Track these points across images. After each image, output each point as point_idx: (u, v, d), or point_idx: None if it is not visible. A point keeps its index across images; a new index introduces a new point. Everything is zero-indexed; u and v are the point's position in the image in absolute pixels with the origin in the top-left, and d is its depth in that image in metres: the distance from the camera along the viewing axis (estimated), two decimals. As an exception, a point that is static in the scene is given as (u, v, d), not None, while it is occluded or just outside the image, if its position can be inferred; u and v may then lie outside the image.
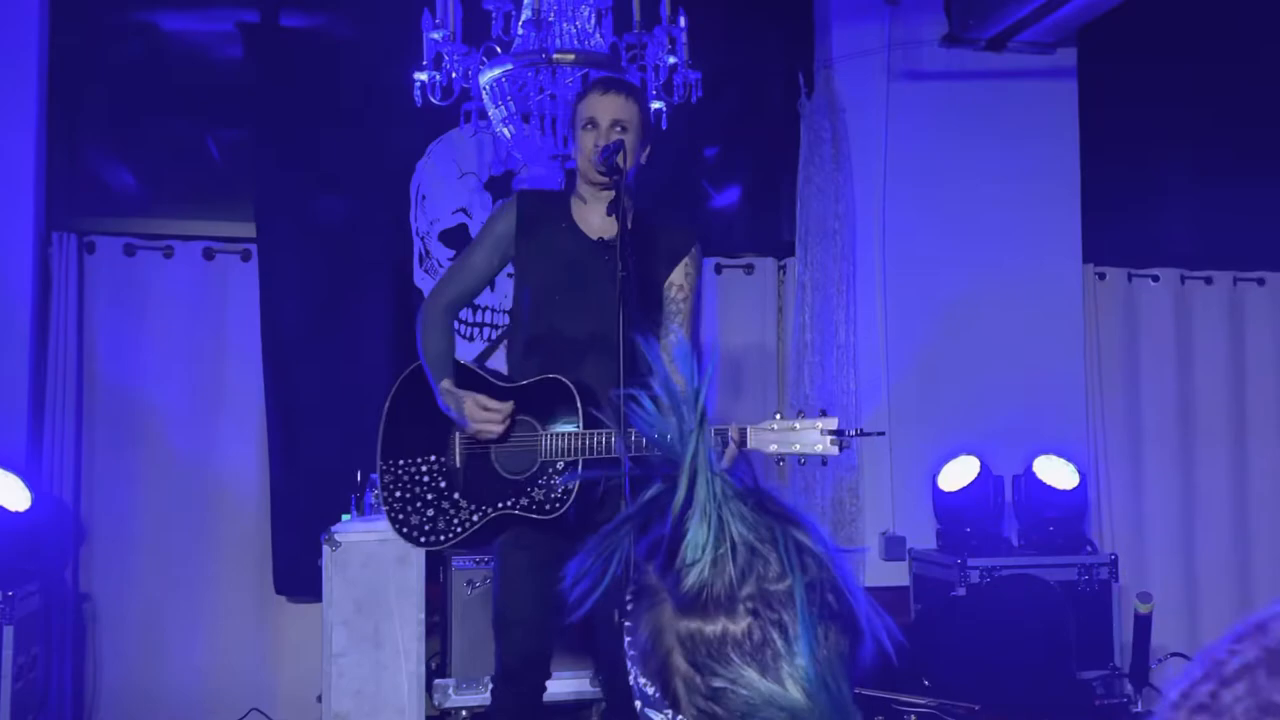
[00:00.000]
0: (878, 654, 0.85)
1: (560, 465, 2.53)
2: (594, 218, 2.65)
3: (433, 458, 2.65)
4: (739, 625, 0.83)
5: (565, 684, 3.53)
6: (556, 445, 2.51)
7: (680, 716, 0.85)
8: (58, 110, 4.07)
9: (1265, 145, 4.80)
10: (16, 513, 3.65)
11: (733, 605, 0.83)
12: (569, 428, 2.50)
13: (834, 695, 0.81)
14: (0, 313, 3.88)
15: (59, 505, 3.95)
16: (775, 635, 0.82)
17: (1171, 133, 4.82)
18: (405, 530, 2.64)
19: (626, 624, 0.90)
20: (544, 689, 2.66)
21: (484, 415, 2.53)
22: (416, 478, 2.65)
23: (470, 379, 2.62)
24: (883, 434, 2.84)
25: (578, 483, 2.49)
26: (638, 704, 0.89)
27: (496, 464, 2.59)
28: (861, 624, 0.85)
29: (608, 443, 2.45)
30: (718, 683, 0.83)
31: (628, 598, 0.90)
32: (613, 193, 2.51)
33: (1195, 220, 4.91)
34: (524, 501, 2.56)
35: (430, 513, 2.63)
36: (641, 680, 0.88)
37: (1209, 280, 4.87)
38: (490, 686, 2.74)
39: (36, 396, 3.96)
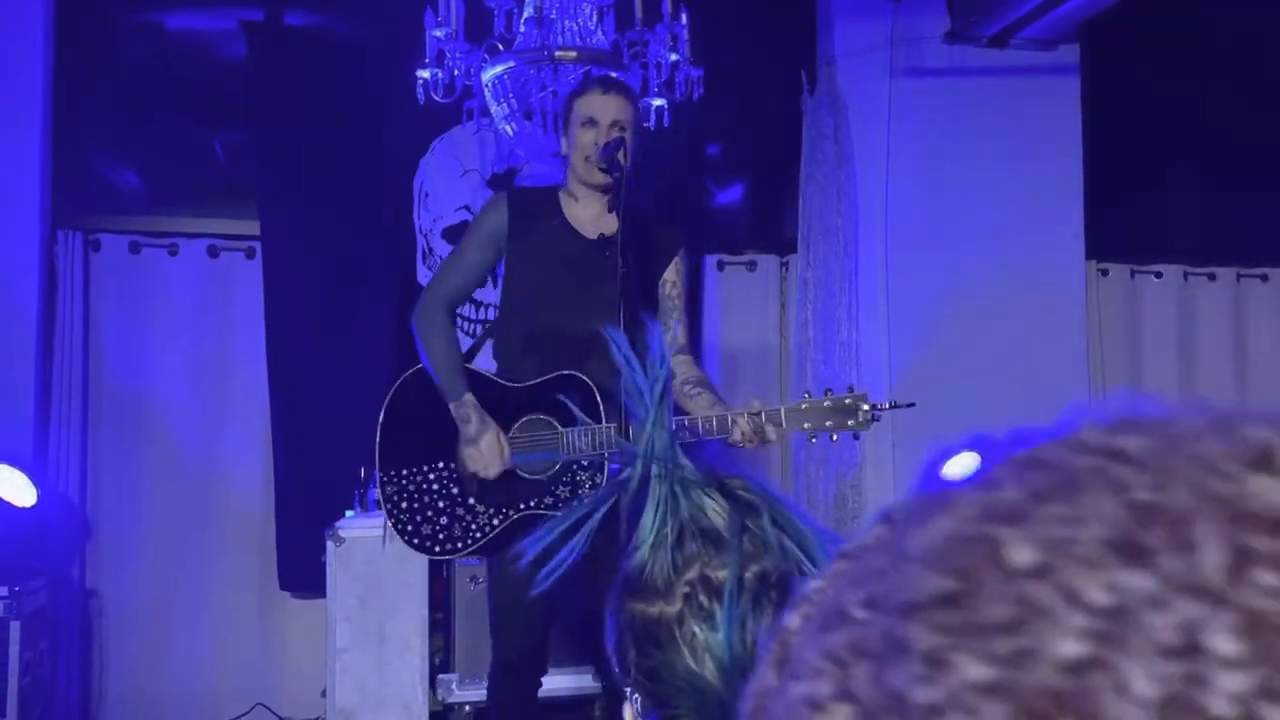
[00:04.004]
0: None
1: (585, 461, 2.53)
2: (587, 215, 2.66)
3: (440, 464, 2.59)
4: (673, 609, 0.84)
5: (567, 679, 3.55)
6: (580, 441, 2.50)
7: (637, 695, 0.86)
8: (63, 109, 4.09)
9: (1269, 141, 4.79)
10: (23, 509, 3.67)
11: (670, 590, 0.84)
12: (590, 423, 2.49)
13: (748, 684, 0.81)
14: (7, 311, 3.90)
15: (65, 502, 3.97)
16: (703, 621, 0.83)
17: (1175, 129, 4.81)
18: (416, 541, 2.58)
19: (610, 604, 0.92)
20: (540, 684, 2.68)
21: (494, 458, 2.53)
22: (424, 486, 2.59)
23: (477, 382, 2.60)
24: (913, 405, 2.79)
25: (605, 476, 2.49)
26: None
27: (515, 466, 2.57)
28: None
29: (630, 435, 2.45)
30: (652, 663, 0.85)
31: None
32: (606, 191, 2.55)
33: (1199, 216, 4.90)
34: (548, 500, 2.54)
35: (444, 520, 2.57)
36: (613, 659, 0.90)
37: (1212, 276, 4.87)
38: (488, 680, 2.74)
39: (42, 393, 3.98)
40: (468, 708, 3.66)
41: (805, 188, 4.43)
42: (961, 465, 3.98)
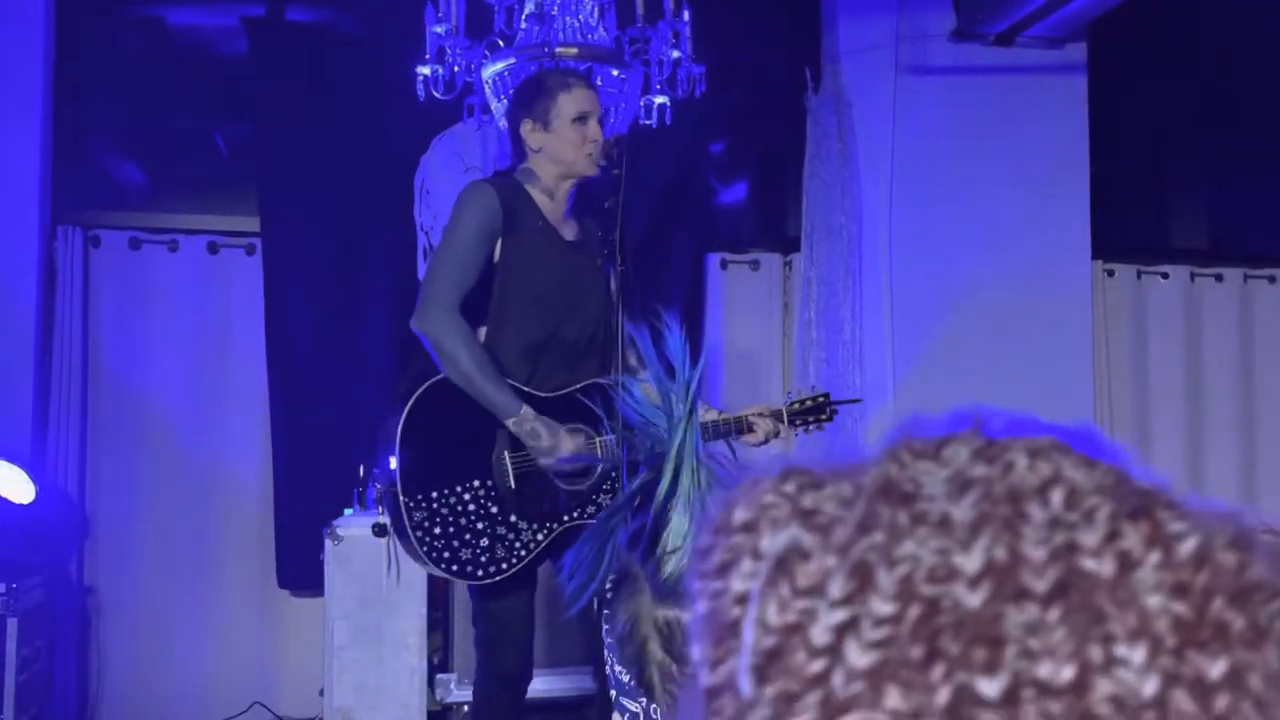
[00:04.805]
0: None
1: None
2: (558, 215, 2.63)
3: (476, 483, 2.47)
4: None
5: (565, 680, 3.53)
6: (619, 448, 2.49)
7: (654, 705, 0.84)
8: (64, 104, 4.07)
9: (1277, 142, 4.76)
10: (21, 505, 3.66)
11: None
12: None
13: None
14: (6, 306, 3.89)
15: (64, 498, 3.96)
16: None
17: (1182, 128, 4.78)
18: (456, 568, 2.45)
19: (605, 612, 0.89)
20: (527, 692, 2.68)
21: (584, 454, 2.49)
22: (460, 509, 2.45)
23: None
24: (859, 400, 3.08)
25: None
26: (612, 693, 0.88)
27: (554, 478, 2.53)
28: None
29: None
30: (690, 670, 0.83)
31: (607, 586, 0.90)
32: (570, 192, 2.55)
33: (1206, 217, 4.87)
34: (591, 510, 2.52)
35: (484, 542, 2.45)
36: (618, 668, 0.87)
37: (1219, 277, 4.83)
38: (477, 693, 2.68)
39: (41, 389, 3.97)
40: (465, 707, 3.64)
41: (809, 186, 4.40)
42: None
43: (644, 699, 0.85)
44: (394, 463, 2.45)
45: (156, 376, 4.09)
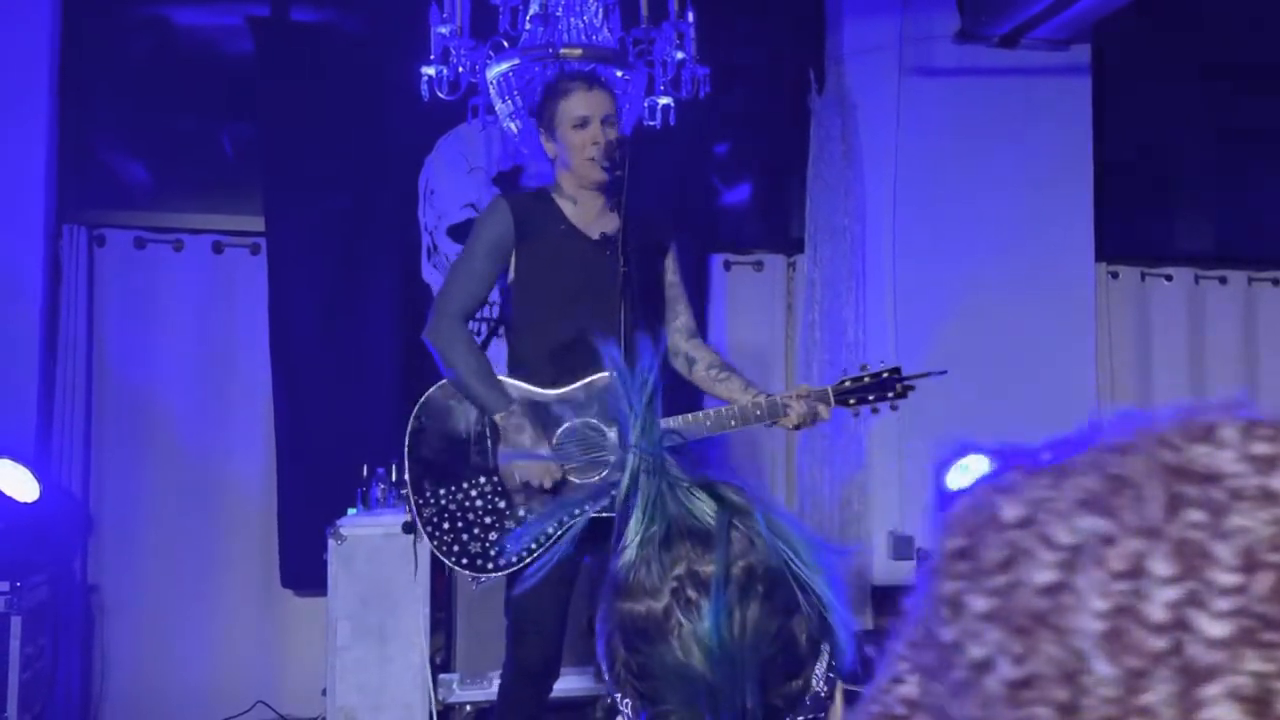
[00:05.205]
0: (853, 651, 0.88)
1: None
2: (588, 216, 2.64)
3: (482, 479, 2.55)
4: (660, 604, 0.85)
5: (570, 680, 3.52)
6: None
7: (626, 700, 0.86)
8: (69, 103, 4.08)
9: (1282, 144, 4.76)
10: (25, 504, 3.66)
11: (658, 587, 0.84)
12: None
13: (737, 671, 0.83)
14: (11, 305, 3.90)
15: (68, 497, 3.97)
16: (691, 613, 0.84)
17: (1187, 130, 4.78)
18: (465, 561, 2.52)
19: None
20: (552, 689, 2.66)
21: (554, 469, 2.50)
22: (466, 505, 2.54)
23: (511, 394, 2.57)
24: (945, 372, 2.91)
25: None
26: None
27: (566, 472, 2.54)
28: (805, 610, 0.87)
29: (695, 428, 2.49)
30: (640, 659, 0.85)
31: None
32: (604, 189, 2.55)
33: (1210, 219, 4.86)
34: (605, 502, 2.52)
35: (493, 536, 2.52)
36: (603, 665, 0.90)
37: (1223, 280, 4.83)
38: (501, 682, 2.70)
39: (46, 388, 3.98)
40: (468, 708, 3.64)
41: (813, 187, 4.40)
42: (969, 468, 3.94)
43: (617, 693, 0.87)
44: (405, 464, 2.57)
45: (160, 375, 4.09)
